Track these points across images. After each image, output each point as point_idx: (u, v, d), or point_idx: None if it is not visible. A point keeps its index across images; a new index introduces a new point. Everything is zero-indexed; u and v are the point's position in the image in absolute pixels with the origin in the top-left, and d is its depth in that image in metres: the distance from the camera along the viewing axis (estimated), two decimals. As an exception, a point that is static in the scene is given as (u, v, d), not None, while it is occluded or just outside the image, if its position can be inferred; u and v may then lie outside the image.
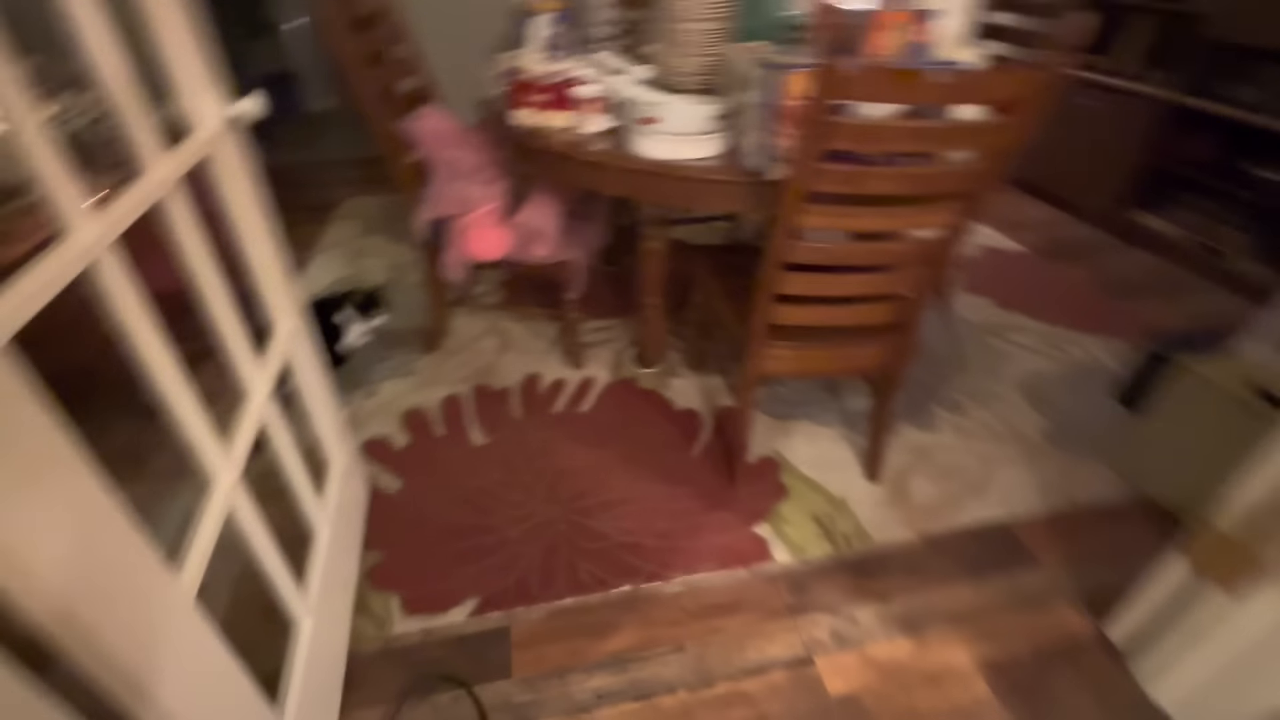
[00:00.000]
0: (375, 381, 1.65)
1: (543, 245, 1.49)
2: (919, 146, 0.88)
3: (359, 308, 1.65)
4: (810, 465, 1.41)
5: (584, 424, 1.47)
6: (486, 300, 1.91)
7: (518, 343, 1.75)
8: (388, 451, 1.45)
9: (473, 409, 1.53)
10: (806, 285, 1.12)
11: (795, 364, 1.25)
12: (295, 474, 1.02)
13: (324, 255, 2.33)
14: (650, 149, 1.18)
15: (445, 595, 1.16)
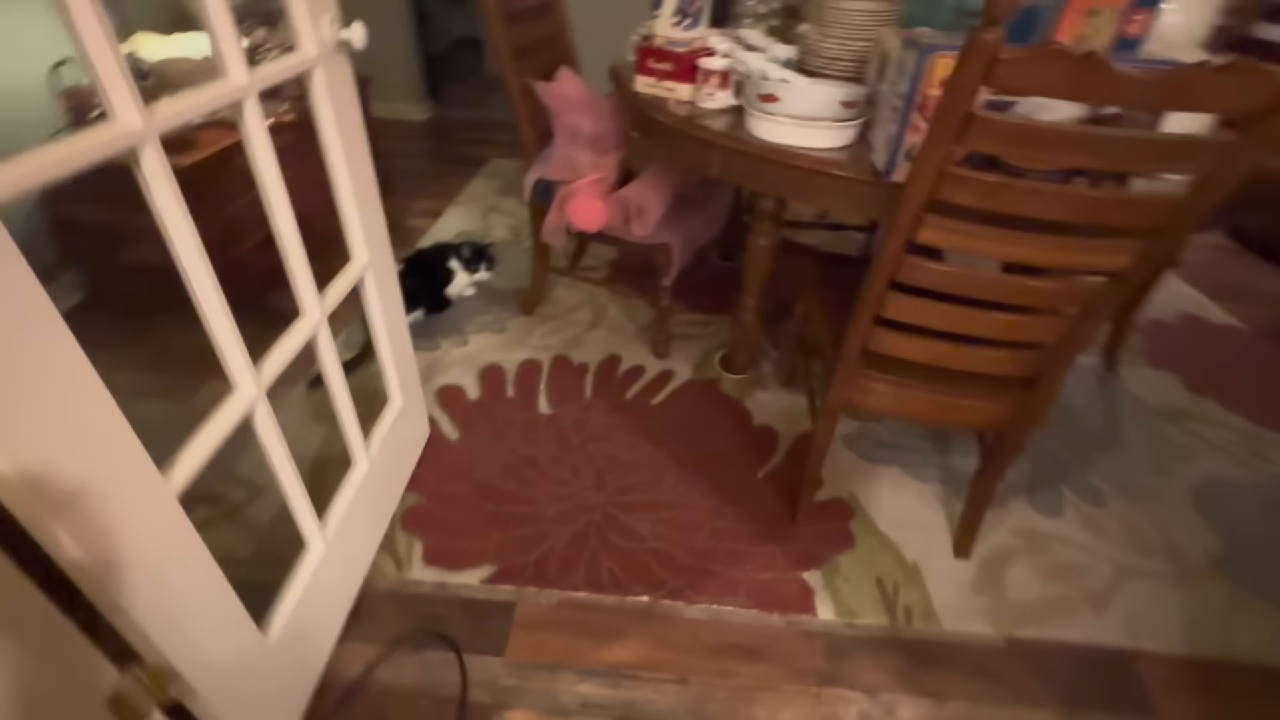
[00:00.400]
0: (468, 332, 1.70)
1: (641, 224, 1.44)
2: (1097, 162, 0.68)
3: (469, 260, 1.75)
4: (889, 520, 1.24)
5: (652, 416, 1.43)
6: (592, 275, 1.91)
7: (609, 321, 1.74)
8: (458, 401, 1.48)
9: (547, 378, 1.54)
10: (915, 312, 0.94)
11: (889, 401, 1.08)
12: (342, 405, 1.03)
13: (459, 207, 2.46)
14: (765, 131, 1.05)
15: (466, 554, 1.16)
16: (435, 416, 1.44)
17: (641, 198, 1.40)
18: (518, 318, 1.76)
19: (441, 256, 1.76)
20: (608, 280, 1.88)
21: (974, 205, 0.79)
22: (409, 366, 1.23)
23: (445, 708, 0.99)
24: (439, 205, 2.44)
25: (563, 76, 1.42)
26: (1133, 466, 1.38)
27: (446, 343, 1.67)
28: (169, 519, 0.67)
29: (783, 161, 1.06)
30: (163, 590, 0.67)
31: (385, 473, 1.17)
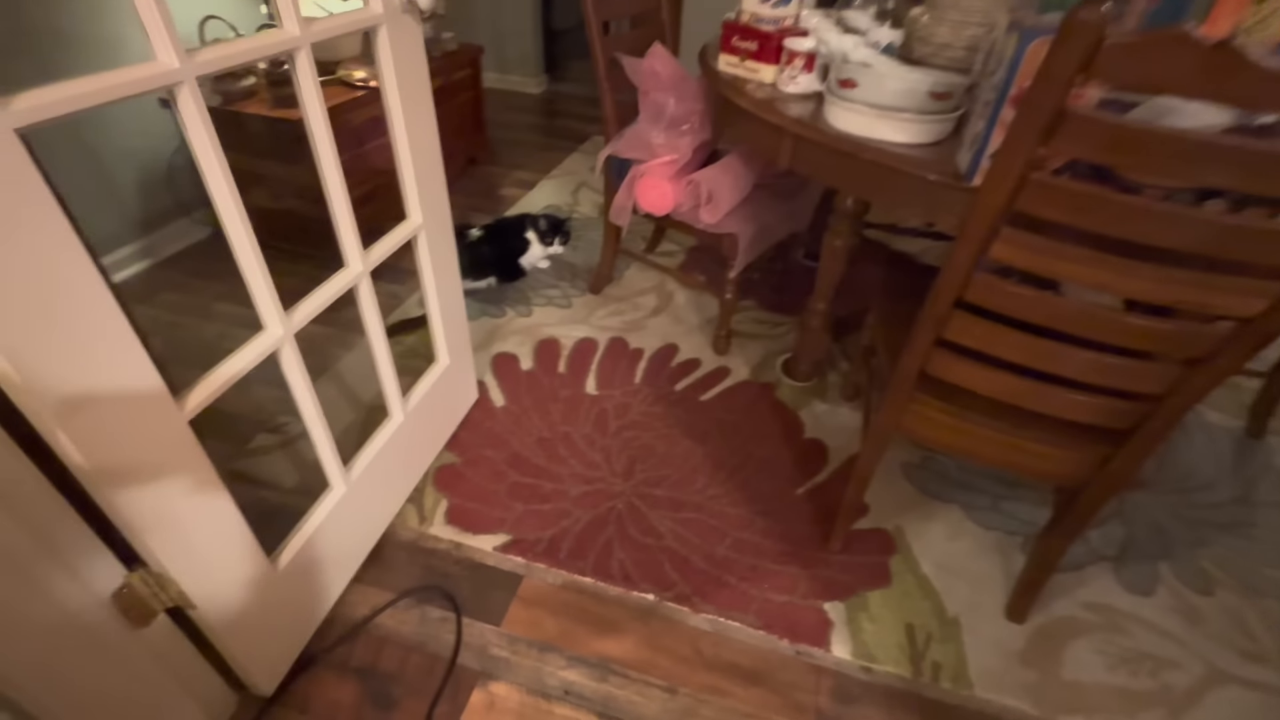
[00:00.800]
0: (534, 304, 1.71)
1: (710, 211, 1.38)
2: (1237, 181, 0.55)
3: (546, 232, 1.77)
4: (937, 564, 1.13)
5: (697, 412, 1.38)
6: (667, 261, 1.88)
7: (674, 310, 1.70)
8: (511, 369, 1.49)
9: (600, 358, 1.52)
10: (985, 338, 0.82)
11: (946, 433, 0.96)
12: (381, 357, 1.05)
13: (552, 181, 2.47)
14: (841, 119, 0.95)
15: (485, 519, 1.17)
16: (486, 382, 1.45)
17: (713, 184, 1.35)
18: (584, 295, 1.76)
19: (520, 226, 1.81)
20: (681, 268, 1.84)
21: (1064, 221, 0.66)
22: (460, 330, 1.24)
23: (434, 665, 1.00)
24: (534, 177, 2.47)
25: (654, 52, 1.36)
26: (1258, 554, 1.18)
27: (512, 311, 1.69)
28: (177, 441, 0.70)
29: (855, 154, 0.95)
30: (169, 509, 0.70)
31: (422, 428, 1.18)
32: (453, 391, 1.27)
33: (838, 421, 1.40)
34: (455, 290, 1.19)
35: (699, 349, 1.57)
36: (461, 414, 1.34)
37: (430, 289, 1.16)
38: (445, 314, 1.17)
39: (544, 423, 1.34)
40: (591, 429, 1.34)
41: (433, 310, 1.17)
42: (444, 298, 1.15)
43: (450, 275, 1.16)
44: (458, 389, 1.30)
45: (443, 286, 1.14)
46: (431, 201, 1.04)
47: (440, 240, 1.10)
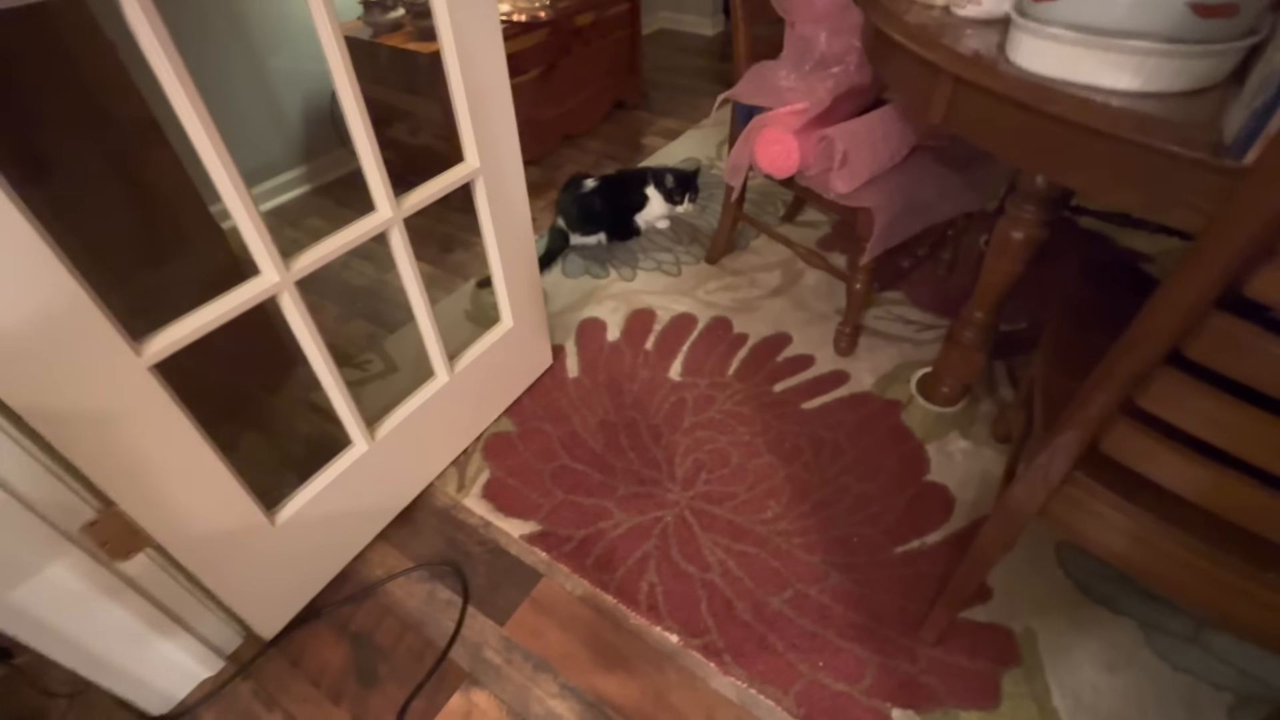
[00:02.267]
0: (641, 266, 1.65)
1: (842, 178, 1.15)
2: None
3: (671, 190, 1.67)
4: (1076, 699, 0.89)
5: (793, 423, 1.24)
6: (803, 234, 1.73)
7: (798, 294, 1.55)
8: (595, 338, 1.43)
9: (695, 339, 1.42)
10: (1214, 419, 0.52)
11: (1124, 544, 0.67)
12: (420, 312, 1.00)
13: (699, 132, 2.31)
14: (1031, 53, 0.64)
15: (521, 501, 1.12)
16: (566, 348, 1.40)
17: (851, 142, 1.12)
18: (699, 264, 1.65)
19: (641, 180, 1.71)
20: (821, 244, 1.67)
21: None
22: (530, 290, 1.19)
23: (425, 652, 0.94)
24: (681, 126, 2.33)
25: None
26: None
27: (615, 273, 1.63)
28: (138, 387, 0.67)
29: (1035, 107, 0.63)
30: (133, 458, 0.69)
31: (475, 391, 1.15)
32: (520, 355, 1.23)
33: (977, 466, 1.16)
34: (525, 246, 1.12)
35: (816, 344, 1.40)
36: (529, 379, 1.30)
37: (491, 243, 1.09)
38: (511, 271, 1.12)
39: (613, 403, 1.27)
40: (662, 421, 1.24)
41: (494, 266, 1.11)
42: (509, 253, 1.09)
43: (518, 229, 1.09)
44: (527, 353, 1.26)
45: (507, 241, 1.08)
46: (495, 144, 0.97)
47: (505, 188, 1.03)
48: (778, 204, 1.87)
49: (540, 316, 1.27)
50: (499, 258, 1.12)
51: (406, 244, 0.92)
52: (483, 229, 1.07)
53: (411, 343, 1.41)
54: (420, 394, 1.07)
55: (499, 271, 1.14)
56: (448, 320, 1.50)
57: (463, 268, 1.69)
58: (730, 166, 1.34)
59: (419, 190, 0.92)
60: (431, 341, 1.04)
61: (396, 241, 0.92)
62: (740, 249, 1.71)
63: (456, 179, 0.96)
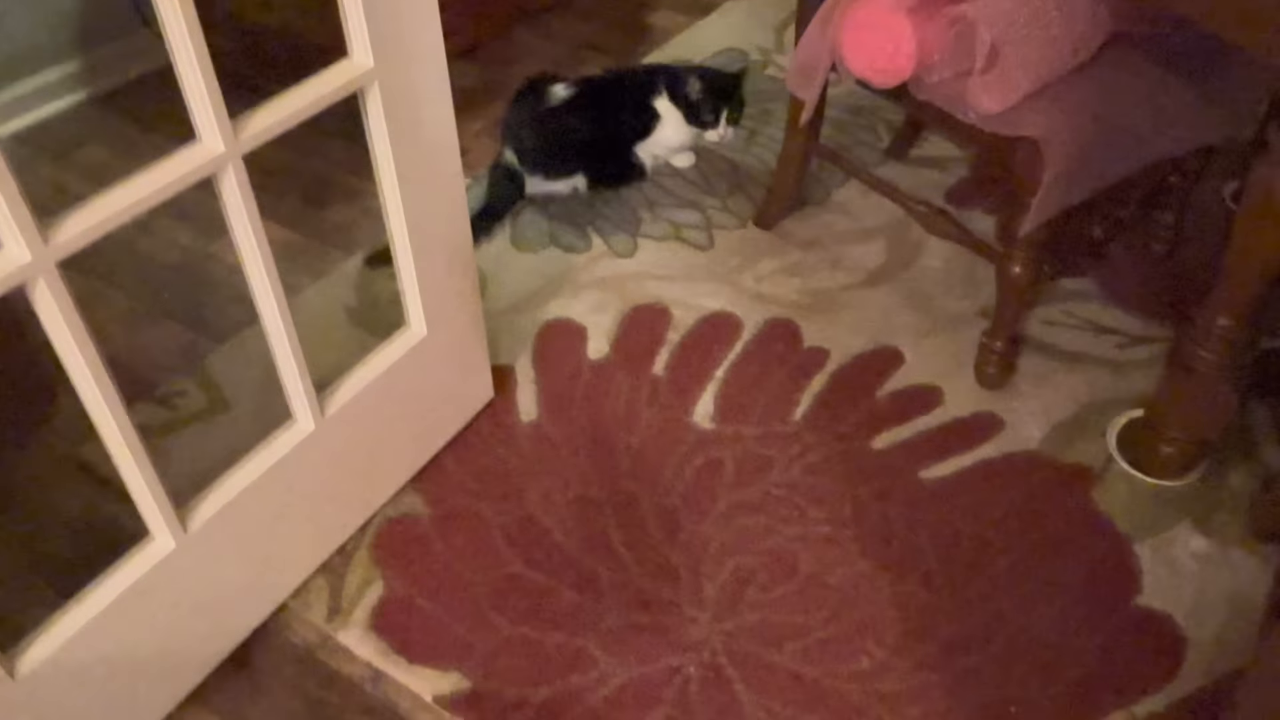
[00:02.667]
0: (644, 233, 1.67)
1: (990, 87, 1.14)
2: None
3: (697, 102, 1.67)
4: None
5: (910, 506, 1.26)
6: (920, 181, 1.75)
7: (912, 283, 1.58)
8: (566, 352, 1.46)
9: (737, 357, 1.45)
10: None
11: None
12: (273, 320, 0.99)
13: (744, 5, 2.32)
14: None
15: (435, 639, 1.12)
16: (517, 371, 1.43)
17: (1003, 28, 1.11)
18: (743, 231, 1.68)
19: (646, 87, 1.71)
20: (951, 198, 1.71)
21: None
22: (456, 272, 1.21)
23: None
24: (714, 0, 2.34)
25: None
26: None
27: (601, 242, 1.65)
28: None
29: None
30: None
31: (361, 446, 1.17)
32: (438, 384, 1.26)
33: (1222, 583, 1.18)
34: (448, 197, 1.14)
35: (945, 369, 1.43)
36: (455, 426, 1.32)
37: (391, 194, 1.07)
38: (425, 241, 1.13)
39: (596, 466, 1.30)
40: (681, 498, 1.26)
41: (396, 232, 1.10)
42: (421, 210, 1.10)
43: (437, 169, 1.11)
44: (449, 380, 1.28)
45: (418, 189, 1.08)
46: (399, 27, 0.97)
47: (417, 101, 1.04)
48: (879, 129, 1.89)
49: (473, 317, 1.27)
50: (403, 218, 1.09)
51: (248, 195, 0.90)
52: (377, 170, 1.05)
53: (253, 362, 1.41)
54: (268, 450, 1.06)
55: (403, 242, 1.11)
56: (318, 323, 1.48)
57: (344, 233, 1.68)
58: (798, 67, 1.36)
59: (271, 106, 0.90)
60: (287, 361, 1.02)
61: (231, 191, 0.89)
62: (815, 204, 1.73)
63: (333, 89, 0.94)
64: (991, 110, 1.17)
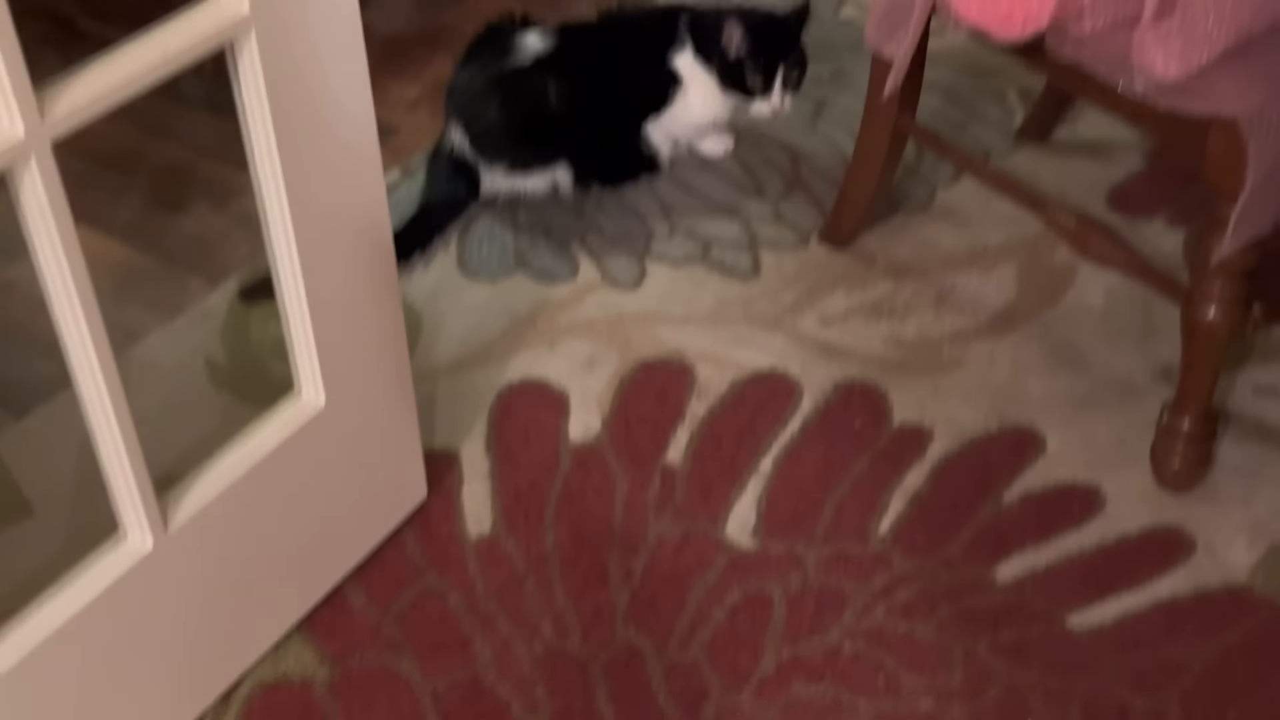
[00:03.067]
0: (656, 253, 1.74)
1: (1167, 42, 1.19)
2: None
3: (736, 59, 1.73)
4: None
5: (1058, 669, 1.30)
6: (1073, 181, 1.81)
7: (1054, 327, 1.65)
8: (536, 433, 1.51)
9: (791, 443, 1.49)
10: None
11: None
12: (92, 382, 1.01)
13: None
14: None
15: None
16: (464, 458, 1.48)
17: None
18: (801, 250, 1.75)
19: (663, 35, 1.77)
20: (1113, 204, 1.80)
21: None
22: (371, 311, 1.26)
23: None
24: None
25: None
26: None
27: (590, 267, 1.72)
28: None
29: None
30: None
31: (225, 573, 1.20)
32: (341, 480, 1.30)
33: None
34: (361, 197, 1.19)
35: (1105, 460, 1.49)
36: (366, 542, 1.36)
37: (272, 195, 1.10)
38: (325, 264, 1.17)
39: (580, 604, 1.34)
40: (706, 657, 1.30)
41: (279, 250, 1.14)
42: (318, 217, 1.14)
43: (343, 155, 1.16)
44: (360, 473, 1.33)
45: (314, 186, 1.12)
46: None
47: (310, 64, 1.08)
48: (1009, 98, 1.97)
49: (396, 379, 1.32)
50: (290, 234, 1.13)
51: (59, 199, 0.93)
52: (254, 163, 1.09)
53: (67, 442, 1.42)
54: (83, 580, 1.08)
55: (291, 268, 1.15)
56: (166, 385, 1.53)
57: (209, 251, 1.72)
58: (882, 11, 1.42)
59: (98, 70, 0.94)
60: (114, 449, 1.05)
61: (34, 195, 0.92)
62: (911, 210, 1.79)
63: (191, 43, 0.97)
64: (1169, 76, 1.19)
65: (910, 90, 1.56)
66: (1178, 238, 1.71)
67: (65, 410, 1.43)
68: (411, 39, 2.10)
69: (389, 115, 1.93)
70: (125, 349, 1.58)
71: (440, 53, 2.04)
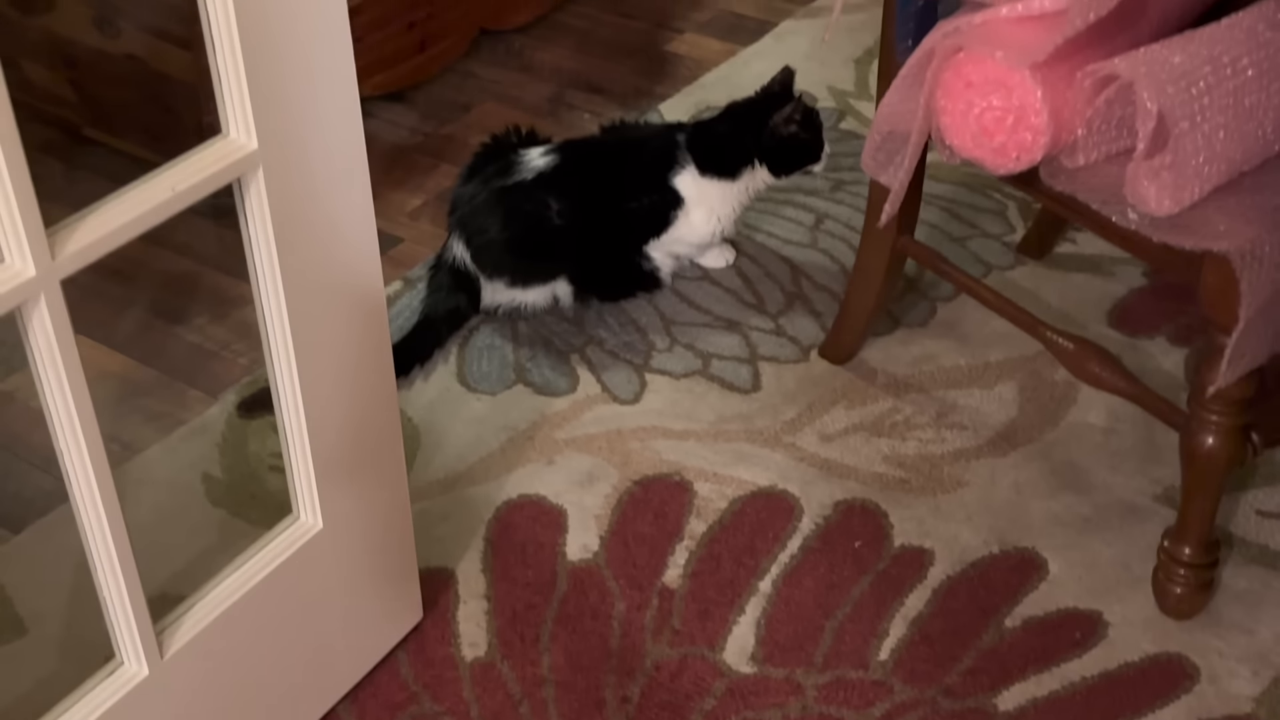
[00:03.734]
0: (658, 368, 1.76)
1: (1160, 179, 1.20)
2: None
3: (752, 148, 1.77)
4: None
5: None
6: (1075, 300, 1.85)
7: (1055, 448, 1.65)
8: (533, 552, 1.51)
9: (791, 563, 1.49)
10: None
11: None
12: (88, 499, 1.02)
13: (801, 25, 2.45)
14: None
15: None
16: (460, 578, 1.47)
17: (1171, 87, 1.16)
18: (802, 363, 1.77)
19: (663, 152, 1.80)
20: (1116, 325, 1.82)
21: None
22: (370, 428, 1.27)
23: None
24: (764, 14, 2.45)
25: None
26: None
27: (590, 380, 1.74)
28: None
29: None
30: None
31: (219, 700, 1.19)
32: (336, 601, 1.29)
33: None
34: (361, 316, 1.21)
35: (1108, 586, 1.48)
36: (360, 665, 1.35)
37: (276, 317, 1.12)
38: (324, 381, 1.18)
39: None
40: None
41: (280, 365, 1.15)
42: (318, 336, 1.16)
43: (344, 277, 1.18)
44: (355, 594, 1.32)
45: (315, 307, 1.14)
46: (295, 97, 1.04)
47: (314, 195, 1.10)
48: (1009, 213, 1.99)
49: (393, 499, 1.32)
50: (291, 354, 1.14)
51: (65, 330, 0.95)
52: (257, 286, 1.11)
53: (63, 560, 1.43)
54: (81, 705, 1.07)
55: (290, 387, 1.16)
56: (165, 501, 1.53)
57: (209, 363, 1.74)
58: (878, 139, 1.43)
59: (109, 208, 0.95)
60: (110, 572, 1.05)
61: (41, 327, 0.95)
62: (912, 325, 1.81)
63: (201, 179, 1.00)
64: (1161, 211, 1.20)
65: (909, 211, 1.57)
66: (1180, 356, 1.72)
67: (62, 526, 1.44)
68: (415, 149, 2.13)
69: (391, 225, 1.95)
70: (123, 463, 1.58)
71: (444, 164, 2.06)
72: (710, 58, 2.36)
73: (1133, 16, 1.28)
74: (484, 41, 2.36)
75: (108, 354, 1.72)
